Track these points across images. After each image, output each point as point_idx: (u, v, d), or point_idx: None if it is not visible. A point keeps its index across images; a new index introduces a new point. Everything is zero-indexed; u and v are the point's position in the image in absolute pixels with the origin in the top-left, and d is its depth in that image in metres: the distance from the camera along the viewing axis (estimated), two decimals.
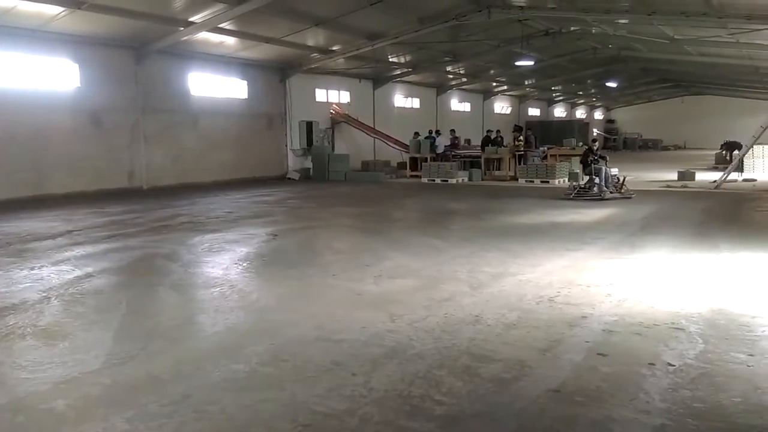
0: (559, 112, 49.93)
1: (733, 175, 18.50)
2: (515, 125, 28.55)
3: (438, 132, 24.61)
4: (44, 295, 6.31)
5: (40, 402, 3.81)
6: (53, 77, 16.11)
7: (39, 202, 14.60)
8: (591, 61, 30.04)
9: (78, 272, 7.33)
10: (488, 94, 38.67)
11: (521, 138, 22.94)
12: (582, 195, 15.03)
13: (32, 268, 7.56)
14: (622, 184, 15.45)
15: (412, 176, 22.15)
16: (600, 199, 14.60)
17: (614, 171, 16.49)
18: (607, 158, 16.00)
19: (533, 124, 39.31)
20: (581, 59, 29.52)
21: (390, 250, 8.64)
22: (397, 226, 11.95)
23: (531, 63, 25.02)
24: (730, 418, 3.53)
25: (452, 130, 25.05)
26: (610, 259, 7.88)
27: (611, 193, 15.05)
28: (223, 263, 7.91)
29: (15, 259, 8.15)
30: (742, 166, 19.57)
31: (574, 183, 16.03)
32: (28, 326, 5.29)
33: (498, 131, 24.54)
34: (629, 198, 14.86)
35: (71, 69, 16.42)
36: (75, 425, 3.49)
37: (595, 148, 15.97)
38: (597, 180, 15.08)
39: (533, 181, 19.22)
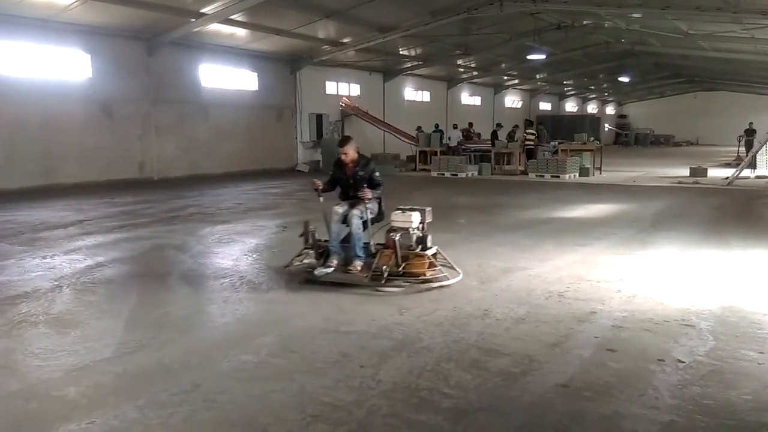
0: (571, 106, 49.68)
1: (746, 172, 18.35)
2: (526, 119, 28.42)
3: (454, 125, 24.71)
4: (56, 283, 6.37)
5: (52, 389, 3.85)
6: (65, 67, 16.19)
7: (50, 191, 14.70)
8: (603, 56, 29.84)
9: (89, 261, 7.39)
10: (499, 88, 38.52)
11: (532, 132, 22.83)
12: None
13: (44, 257, 7.63)
14: (417, 252, 6.31)
15: (421, 170, 22.10)
16: (311, 280, 6.38)
17: (411, 222, 6.36)
18: (381, 188, 6.61)
19: (544, 119, 39.14)
20: (593, 53, 29.32)
21: None
22: None
23: (543, 57, 24.87)
24: (739, 416, 3.51)
25: (470, 123, 24.99)
26: (620, 254, 7.84)
27: (348, 270, 6.37)
28: (232, 254, 7.94)
29: (27, 247, 8.23)
30: (755, 163, 19.40)
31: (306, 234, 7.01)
32: (40, 314, 5.34)
33: (515, 126, 24.48)
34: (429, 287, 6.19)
35: (83, 59, 16.49)
36: (86, 412, 3.52)
37: (346, 159, 6.52)
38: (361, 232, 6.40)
39: (543, 176, 19.13)
